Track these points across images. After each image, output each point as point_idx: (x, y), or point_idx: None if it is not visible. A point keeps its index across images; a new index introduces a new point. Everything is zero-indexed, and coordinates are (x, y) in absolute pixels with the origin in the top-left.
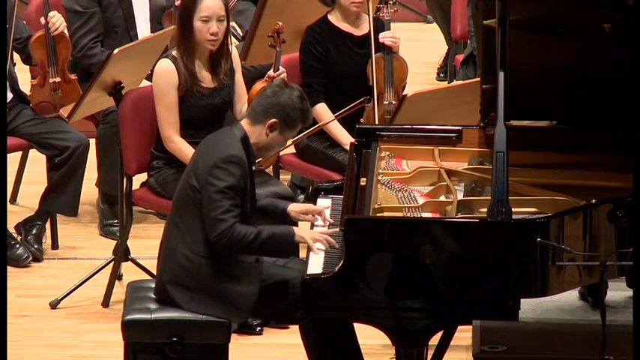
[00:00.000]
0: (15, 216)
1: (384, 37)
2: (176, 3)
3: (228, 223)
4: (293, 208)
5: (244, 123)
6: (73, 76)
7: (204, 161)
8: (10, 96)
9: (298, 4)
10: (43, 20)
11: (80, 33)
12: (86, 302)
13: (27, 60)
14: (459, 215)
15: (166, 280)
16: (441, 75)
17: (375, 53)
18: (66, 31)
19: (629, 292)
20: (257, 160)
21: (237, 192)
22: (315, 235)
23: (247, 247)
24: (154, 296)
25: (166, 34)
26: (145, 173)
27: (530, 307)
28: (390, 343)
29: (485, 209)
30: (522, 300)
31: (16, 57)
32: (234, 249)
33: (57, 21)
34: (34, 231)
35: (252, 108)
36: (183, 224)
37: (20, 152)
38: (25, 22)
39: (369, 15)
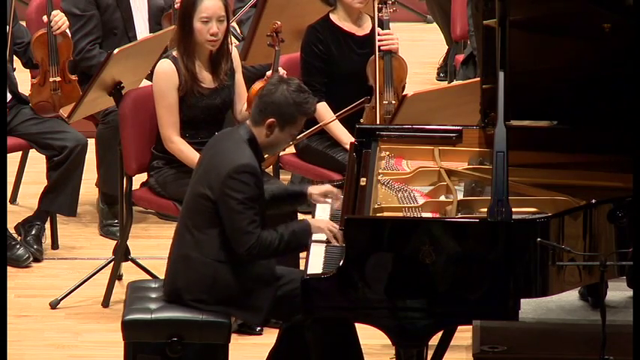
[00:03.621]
0: (15, 216)
1: (380, 40)
2: (175, 5)
3: (255, 235)
4: (313, 190)
5: (249, 124)
6: (74, 77)
7: (216, 171)
8: (9, 97)
9: (298, 3)
10: (45, 18)
11: (79, 36)
12: (86, 302)
13: (27, 64)
14: (459, 215)
15: (182, 287)
16: (441, 75)
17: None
18: (68, 31)
19: (629, 292)
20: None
21: (255, 200)
22: (329, 224)
23: (275, 252)
24: (154, 296)
25: (166, 34)
26: (145, 173)
27: (530, 307)
28: (390, 343)
29: (485, 209)
30: (522, 300)
31: (16, 61)
32: (263, 257)
33: (60, 19)
34: (33, 231)
35: (253, 110)
36: (196, 230)
37: (20, 152)
38: (25, 23)
39: (372, 15)
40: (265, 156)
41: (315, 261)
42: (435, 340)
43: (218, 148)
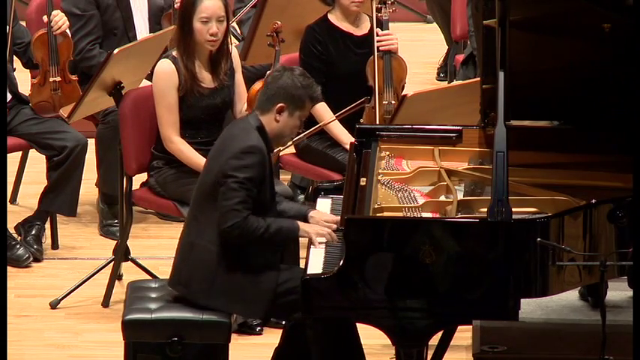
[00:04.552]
0: (15, 216)
1: (380, 40)
2: (175, 5)
3: (243, 215)
4: (314, 215)
5: (257, 114)
6: (74, 77)
7: (223, 154)
8: (9, 97)
9: (298, 3)
10: (45, 18)
11: (79, 36)
12: (86, 302)
13: (27, 64)
14: (459, 215)
15: (186, 276)
16: (441, 75)
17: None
18: (68, 31)
19: (630, 292)
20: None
21: (255, 183)
22: (319, 229)
23: (256, 240)
24: (154, 296)
25: (166, 34)
26: (145, 173)
27: (530, 307)
28: (390, 343)
29: (485, 209)
30: (522, 300)
31: (16, 61)
32: (244, 240)
33: (60, 20)
34: (33, 231)
35: (259, 99)
36: (203, 217)
37: (20, 152)
38: (25, 23)
39: (370, 15)
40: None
41: (315, 261)
42: (435, 340)
43: (227, 136)
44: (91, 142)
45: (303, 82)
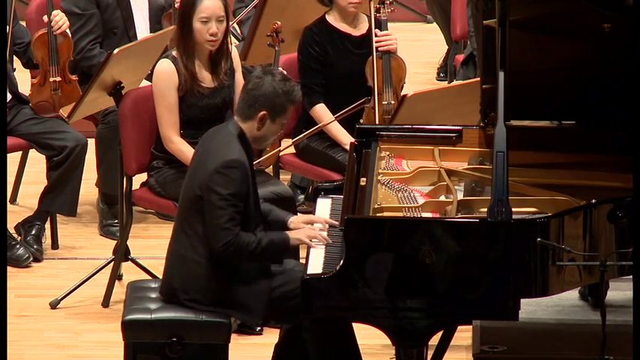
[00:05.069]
0: (15, 216)
1: (378, 41)
2: (176, 5)
3: (233, 232)
4: (294, 220)
5: (237, 120)
6: (74, 77)
7: (205, 167)
8: (9, 97)
9: (298, 4)
10: (45, 18)
11: (79, 35)
12: (86, 302)
13: (27, 64)
14: (459, 215)
15: (178, 287)
16: (441, 75)
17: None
18: (68, 31)
19: (629, 292)
20: (256, 161)
21: (240, 198)
22: (310, 232)
23: (250, 256)
24: (154, 296)
25: (166, 34)
26: (145, 173)
27: (530, 307)
28: (390, 343)
29: (485, 209)
30: (522, 300)
31: (16, 61)
32: (238, 257)
33: (60, 19)
34: (33, 231)
35: (239, 105)
36: (190, 229)
37: (20, 152)
38: (25, 23)
39: (369, 15)
40: (266, 156)
41: (315, 261)
42: (435, 340)
43: (208, 146)
44: (91, 142)
45: (284, 88)
